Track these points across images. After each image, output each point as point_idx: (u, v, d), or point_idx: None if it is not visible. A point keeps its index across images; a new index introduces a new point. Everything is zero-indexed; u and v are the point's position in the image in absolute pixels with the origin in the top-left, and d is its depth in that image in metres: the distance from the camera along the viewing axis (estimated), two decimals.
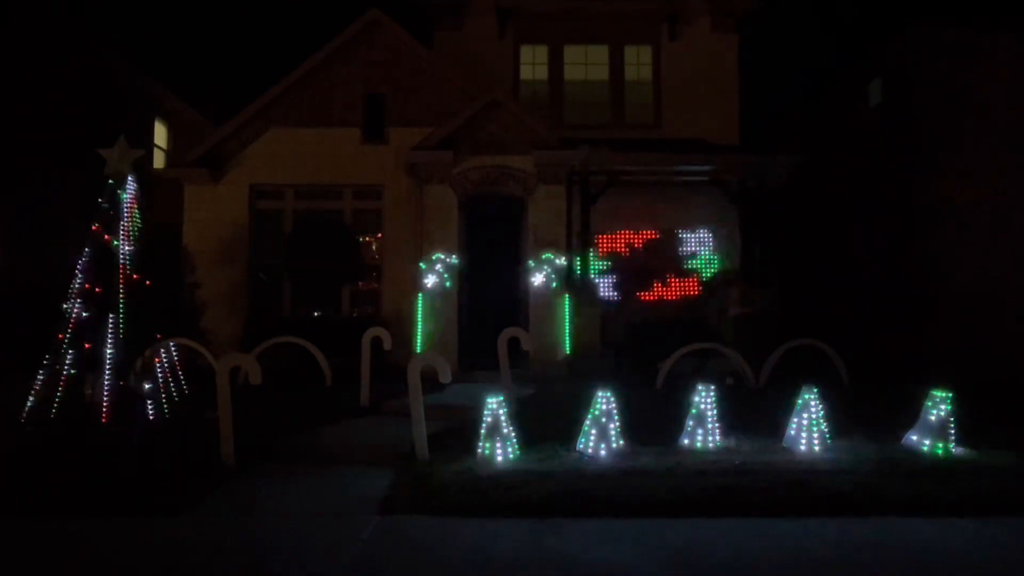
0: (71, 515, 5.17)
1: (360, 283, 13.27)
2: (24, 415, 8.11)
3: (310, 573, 4.24)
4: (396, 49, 13.21)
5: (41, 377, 8.18)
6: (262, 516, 5.25)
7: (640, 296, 13.45)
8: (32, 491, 5.59)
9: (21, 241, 13.38)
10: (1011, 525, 5.04)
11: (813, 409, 6.83)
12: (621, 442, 6.74)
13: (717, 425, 7.05)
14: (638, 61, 15.02)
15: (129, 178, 8.69)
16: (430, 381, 7.22)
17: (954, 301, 13.54)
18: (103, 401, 7.98)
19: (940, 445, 6.65)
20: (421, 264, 12.48)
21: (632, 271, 13.52)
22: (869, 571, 4.30)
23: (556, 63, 15.02)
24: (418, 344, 12.21)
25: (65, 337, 8.22)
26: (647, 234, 13.80)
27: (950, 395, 6.75)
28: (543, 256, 12.38)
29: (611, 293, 13.56)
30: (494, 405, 6.51)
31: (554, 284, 12.40)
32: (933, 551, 4.57)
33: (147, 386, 8.28)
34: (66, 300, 8.38)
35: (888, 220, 15.38)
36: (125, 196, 8.65)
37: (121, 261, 8.44)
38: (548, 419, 7.84)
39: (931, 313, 13.99)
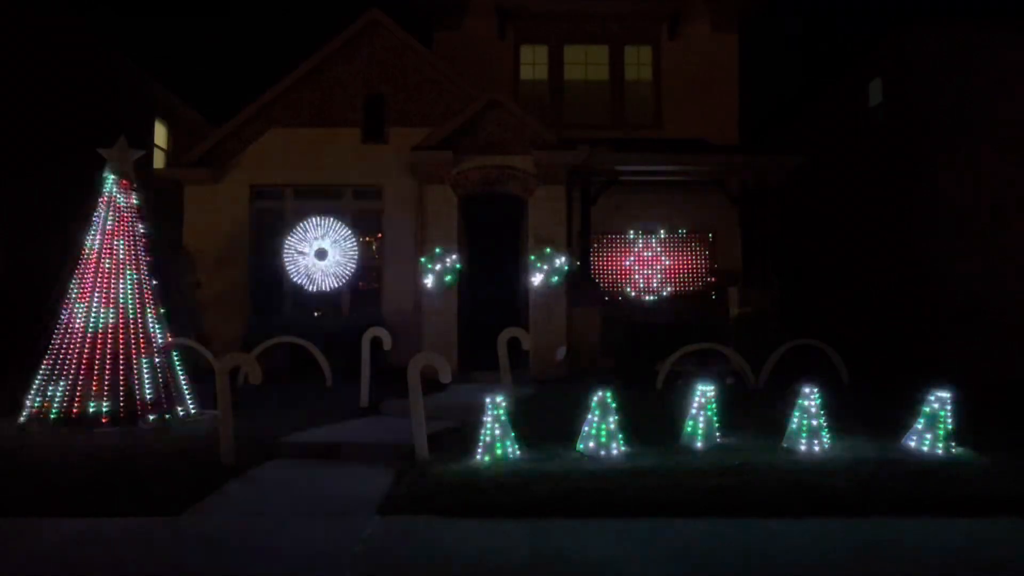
0: (70, 515, 5.16)
1: (360, 283, 13.28)
2: (24, 414, 8.12)
3: (310, 573, 4.24)
4: (396, 49, 13.20)
5: (41, 376, 8.20)
6: (262, 516, 5.25)
7: (640, 296, 13.47)
8: (31, 490, 5.59)
9: (20, 241, 13.37)
10: (1011, 525, 5.04)
11: (813, 409, 6.83)
12: (621, 442, 6.74)
13: (717, 425, 7.06)
14: (638, 61, 15.03)
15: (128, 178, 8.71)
16: (430, 381, 7.22)
17: (954, 301, 13.55)
18: (104, 401, 7.99)
19: (940, 445, 6.65)
20: (421, 264, 12.47)
21: (632, 271, 13.54)
22: (869, 571, 4.30)
23: (556, 63, 15.03)
24: (418, 344, 12.21)
25: (64, 336, 8.23)
26: (647, 234, 13.81)
27: (950, 395, 6.75)
28: (543, 256, 12.37)
29: (611, 293, 13.57)
30: (494, 405, 6.51)
31: (554, 284, 12.39)
32: (933, 551, 4.57)
33: (148, 386, 8.29)
34: (65, 299, 8.39)
35: (888, 220, 15.38)
36: (125, 196, 8.66)
37: (120, 260, 8.45)
38: (548, 419, 7.85)
39: (931, 313, 14.00)
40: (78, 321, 8.23)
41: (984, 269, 13.12)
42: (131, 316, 8.38)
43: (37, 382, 8.19)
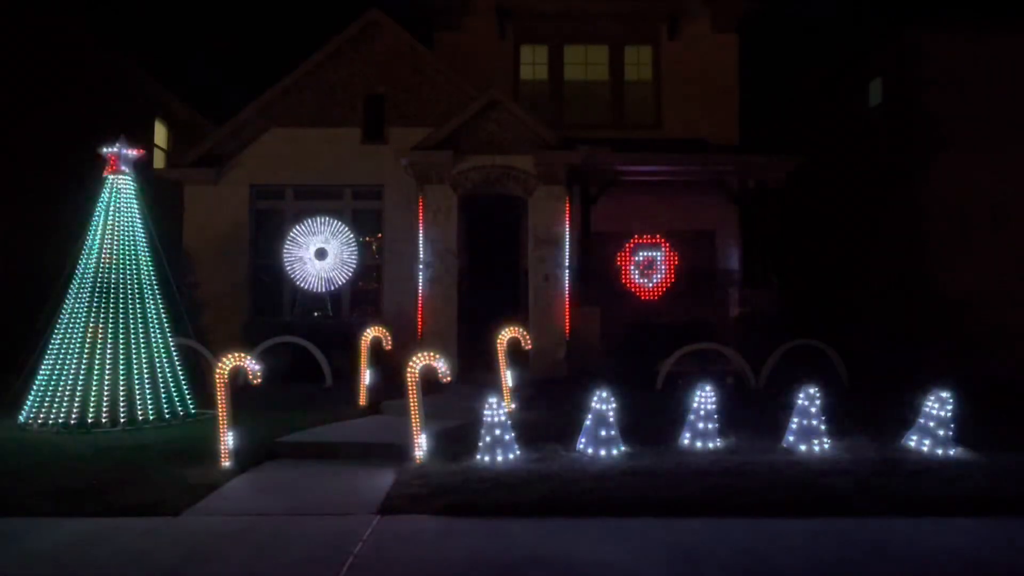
0: (71, 515, 5.17)
1: (360, 283, 13.27)
2: (24, 414, 8.12)
3: (310, 573, 4.24)
4: (396, 49, 13.20)
5: (41, 376, 8.20)
6: (262, 516, 5.25)
7: (640, 296, 13.44)
8: (32, 491, 5.59)
9: (19, 241, 13.37)
10: (1011, 525, 5.05)
11: (813, 409, 6.83)
12: (621, 442, 6.74)
13: (717, 425, 7.06)
14: (638, 61, 15.01)
15: (129, 178, 8.72)
16: (430, 381, 7.22)
17: (954, 301, 13.55)
18: (104, 401, 7.99)
19: (940, 445, 6.65)
20: (421, 264, 12.47)
21: (632, 271, 13.51)
22: (869, 571, 4.30)
23: (556, 63, 15.02)
24: (418, 344, 12.20)
25: (64, 336, 8.23)
26: (647, 234, 13.78)
27: (949, 395, 6.75)
28: (543, 256, 12.37)
29: (611, 293, 13.55)
30: (494, 405, 6.51)
31: (554, 284, 12.38)
32: (933, 551, 4.57)
33: (148, 386, 8.28)
34: (65, 300, 8.39)
35: (888, 220, 15.38)
36: (124, 196, 8.66)
37: (120, 260, 8.45)
38: (548, 419, 7.86)
39: (931, 313, 13.99)
40: (78, 321, 8.23)
41: (983, 269, 13.12)
42: (131, 316, 8.38)
43: (37, 382, 8.19)
